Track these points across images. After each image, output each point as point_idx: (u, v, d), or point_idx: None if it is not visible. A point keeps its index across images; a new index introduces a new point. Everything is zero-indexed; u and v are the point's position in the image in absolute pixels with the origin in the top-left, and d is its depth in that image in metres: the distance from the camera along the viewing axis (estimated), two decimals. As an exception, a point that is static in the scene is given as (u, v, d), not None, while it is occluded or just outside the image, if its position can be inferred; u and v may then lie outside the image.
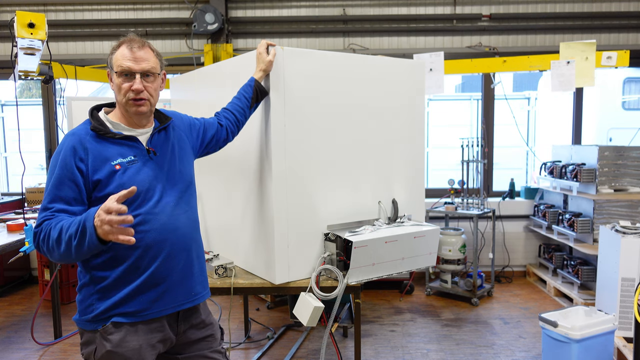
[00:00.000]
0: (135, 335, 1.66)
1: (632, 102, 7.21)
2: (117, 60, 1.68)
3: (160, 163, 1.75)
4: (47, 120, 5.56)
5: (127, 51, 1.67)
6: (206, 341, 1.87)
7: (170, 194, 1.74)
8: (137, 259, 1.65)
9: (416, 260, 2.38)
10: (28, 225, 3.38)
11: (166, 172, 1.75)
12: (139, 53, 1.67)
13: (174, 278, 1.72)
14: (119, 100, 1.70)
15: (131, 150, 1.69)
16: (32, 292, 5.08)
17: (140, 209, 1.65)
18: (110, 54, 1.71)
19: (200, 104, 2.82)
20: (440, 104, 7.40)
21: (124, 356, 1.64)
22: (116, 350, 1.63)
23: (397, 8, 5.35)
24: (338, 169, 2.37)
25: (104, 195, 1.60)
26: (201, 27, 5.11)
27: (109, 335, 1.64)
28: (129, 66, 1.66)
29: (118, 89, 1.68)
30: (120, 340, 1.64)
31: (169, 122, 1.84)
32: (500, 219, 5.37)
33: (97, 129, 1.67)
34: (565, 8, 5.32)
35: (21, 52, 3.22)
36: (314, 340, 3.83)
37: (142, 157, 1.70)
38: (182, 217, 1.75)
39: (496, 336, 3.86)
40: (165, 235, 1.69)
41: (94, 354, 1.65)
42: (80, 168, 1.61)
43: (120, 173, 1.64)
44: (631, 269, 3.44)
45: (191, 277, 1.79)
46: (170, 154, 1.80)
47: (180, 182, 1.80)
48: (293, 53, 2.18)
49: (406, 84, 2.61)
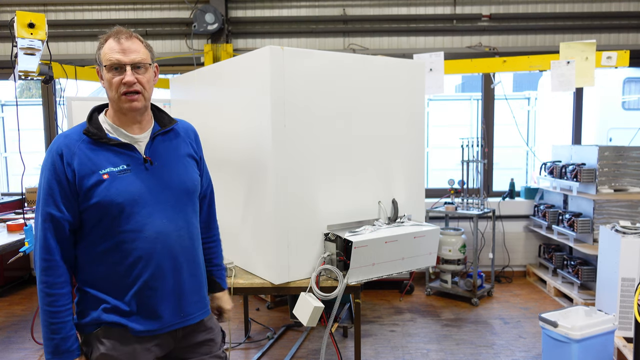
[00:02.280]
0: (129, 340, 1.61)
1: (632, 102, 7.21)
2: (105, 55, 1.57)
3: (157, 173, 1.64)
4: (47, 121, 5.56)
5: (115, 43, 1.57)
6: (207, 345, 1.80)
7: (164, 207, 1.63)
8: (121, 277, 1.59)
9: (416, 260, 2.38)
10: (28, 226, 3.38)
11: (163, 182, 1.65)
12: (126, 44, 1.57)
13: (162, 298, 1.63)
14: (112, 97, 1.60)
15: (125, 158, 1.60)
16: (32, 292, 5.08)
17: (126, 225, 1.57)
18: (98, 50, 1.61)
19: (200, 104, 2.82)
20: (440, 104, 7.40)
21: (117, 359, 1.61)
22: (110, 353, 1.60)
23: (397, 8, 5.35)
24: (338, 169, 2.37)
25: (90, 205, 1.55)
26: (201, 27, 5.11)
27: (103, 338, 1.60)
28: (118, 58, 1.56)
29: (109, 85, 1.58)
30: (114, 344, 1.60)
31: (172, 125, 1.73)
32: (500, 219, 5.37)
33: (91, 134, 1.58)
34: (565, 8, 5.32)
35: (21, 52, 3.21)
36: (314, 340, 3.83)
37: (136, 167, 1.61)
38: (174, 233, 1.64)
39: (496, 336, 3.86)
40: (151, 253, 1.59)
41: (90, 354, 1.63)
42: (67, 173, 1.55)
43: (107, 183, 1.55)
44: (631, 269, 3.44)
45: (182, 297, 1.68)
46: (170, 162, 1.69)
47: (180, 193, 1.69)
48: (293, 53, 2.18)
49: (406, 84, 2.60)
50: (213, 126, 2.61)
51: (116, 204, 1.56)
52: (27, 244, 3.26)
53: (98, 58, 1.62)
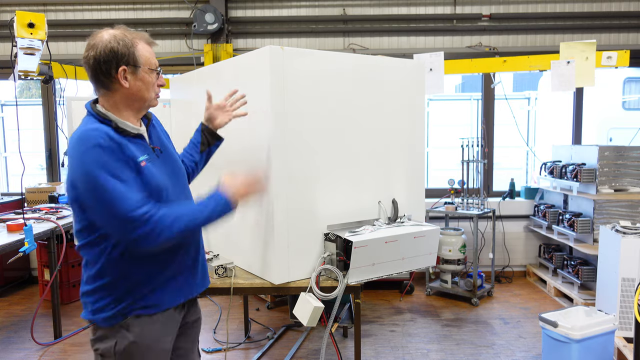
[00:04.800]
0: (154, 325, 1.69)
1: (632, 102, 7.21)
2: (147, 59, 1.64)
3: (165, 161, 1.76)
4: (47, 120, 5.56)
5: (150, 48, 1.67)
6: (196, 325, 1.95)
7: (179, 189, 1.78)
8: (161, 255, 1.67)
9: (416, 260, 2.38)
10: (28, 226, 3.38)
11: (171, 169, 1.77)
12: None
13: (187, 270, 1.78)
14: (147, 97, 1.67)
15: (143, 148, 1.66)
16: (32, 292, 5.08)
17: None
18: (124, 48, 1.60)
19: (200, 104, 2.81)
20: (440, 104, 7.39)
21: (146, 345, 1.67)
22: (139, 341, 1.65)
23: (397, 8, 5.35)
24: (338, 169, 2.37)
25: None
26: (201, 27, 5.11)
27: (130, 327, 1.65)
28: (156, 63, 1.68)
29: (148, 86, 1.66)
30: (141, 331, 1.66)
31: (151, 116, 1.81)
32: (500, 219, 5.37)
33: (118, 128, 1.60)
34: (565, 8, 5.32)
35: (21, 52, 3.22)
36: (314, 340, 3.82)
37: (151, 156, 1.68)
38: None
39: (496, 336, 3.86)
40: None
41: (114, 348, 1.64)
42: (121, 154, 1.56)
43: (147, 170, 1.61)
44: (631, 269, 3.44)
45: (199, 267, 1.86)
46: (166, 150, 1.80)
47: (182, 177, 1.84)
48: (293, 53, 2.18)
49: (406, 84, 2.60)
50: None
51: (160, 189, 1.65)
52: (26, 244, 3.27)
53: (126, 58, 1.60)
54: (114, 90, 1.63)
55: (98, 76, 1.61)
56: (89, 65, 1.62)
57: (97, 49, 1.60)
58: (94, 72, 1.61)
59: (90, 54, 1.61)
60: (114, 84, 1.62)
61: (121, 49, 1.60)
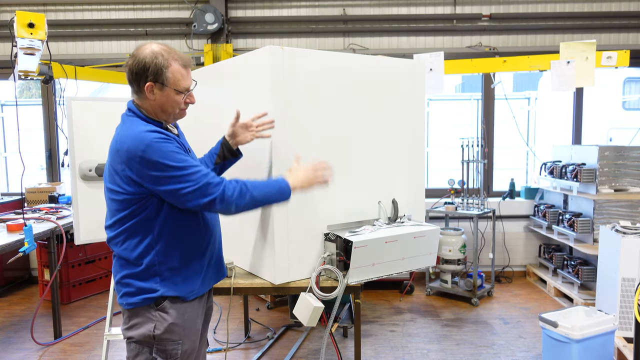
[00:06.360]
0: (189, 307, 1.84)
1: (632, 102, 7.22)
2: (178, 80, 1.76)
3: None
4: (47, 121, 5.56)
5: (185, 72, 1.79)
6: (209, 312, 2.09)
7: None
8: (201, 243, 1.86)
9: (416, 260, 2.38)
10: (28, 226, 3.38)
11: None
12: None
13: (216, 258, 1.98)
14: (170, 111, 1.80)
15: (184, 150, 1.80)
16: (32, 292, 5.08)
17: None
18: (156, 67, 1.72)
19: (200, 104, 2.81)
20: (440, 104, 7.39)
21: (184, 327, 1.80)
22: (178, 322, 1.78)
23: (397, 8, 5.35)
24: (338, 169, 2.36)
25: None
26: (201, 27, 5.11)
27: (169, 309, 1.77)
28: (189, 87, 1.81)
29: (173, 104, 1.78)
30: (178, 312, 1.79)
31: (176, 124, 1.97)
32: (500, 219, 5.37)
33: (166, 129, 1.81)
34: (565, 8, 5.32)
35: (21, 52, 3.22)
36: (314, 340, 3.82)
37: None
38: None
39: (496, 336, 3.86)
40: (215, 219, 1.97)
41: (153, 330, 1.75)
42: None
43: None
44: (631, 269, 3.44)
45: (222, 257, 2.06)
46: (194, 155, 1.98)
47: None
48: (293, 53, 2.18)
49: (406, 84, 2.60)
50: (213, 126, 2.61)
51: None
52: (26, 244, 3.27)
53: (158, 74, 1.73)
54: (143, 97, 1.78)
55: (132, 83, 1.78)
56: (126, 71, 1.77)
57: (135, 59, 1.74)
58: (129, 79, 1.78)
59: (129, 62, 1.76)
60: (142, 93, 1.77)
61: (152, 67, 1.72)
